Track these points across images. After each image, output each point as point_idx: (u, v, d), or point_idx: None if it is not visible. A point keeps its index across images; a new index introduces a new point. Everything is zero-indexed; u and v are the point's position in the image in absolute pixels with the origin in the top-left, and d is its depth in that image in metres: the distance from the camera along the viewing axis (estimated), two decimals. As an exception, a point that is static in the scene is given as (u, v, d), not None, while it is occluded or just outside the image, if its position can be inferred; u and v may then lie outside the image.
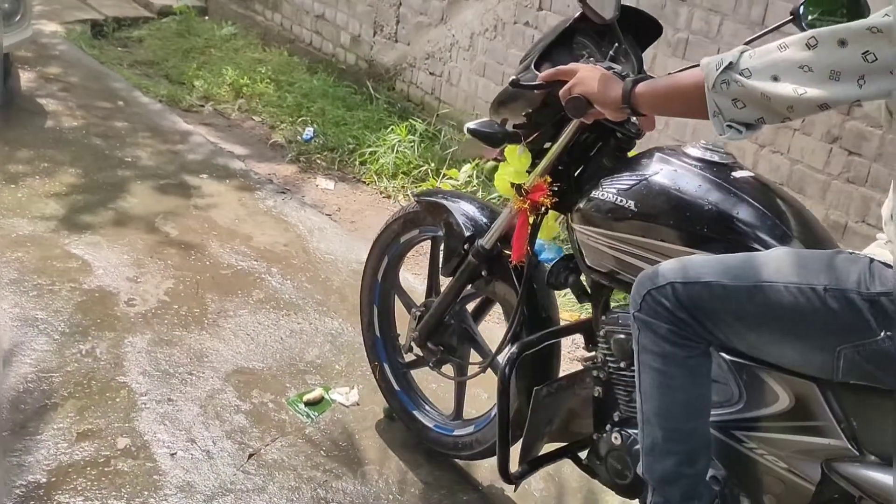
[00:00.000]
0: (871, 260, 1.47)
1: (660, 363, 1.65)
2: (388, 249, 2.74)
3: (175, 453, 2.51)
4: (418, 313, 2.56)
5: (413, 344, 2.59)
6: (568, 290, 2.22)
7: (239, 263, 3.66)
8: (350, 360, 3.07)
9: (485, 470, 2.63)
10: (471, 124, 2.19)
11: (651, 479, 1.73)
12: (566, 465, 2.34)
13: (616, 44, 2.00)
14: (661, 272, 1.65)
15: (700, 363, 1.66)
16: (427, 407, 2.74)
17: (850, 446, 1.52)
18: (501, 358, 2.24)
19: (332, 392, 2.90)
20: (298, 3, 6.43)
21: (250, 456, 2.55)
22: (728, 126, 1.48)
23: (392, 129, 5.05)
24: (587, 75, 1.74)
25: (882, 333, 1.41)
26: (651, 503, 1.75)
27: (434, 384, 2.84)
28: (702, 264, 1.63)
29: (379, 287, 2.80)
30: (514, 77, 2.01)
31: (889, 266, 1.44)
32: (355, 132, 5.15)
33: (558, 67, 1.86)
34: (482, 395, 2.87)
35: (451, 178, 4.47)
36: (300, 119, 5.36)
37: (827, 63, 1.32)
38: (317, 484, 2.49)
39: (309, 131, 5.19)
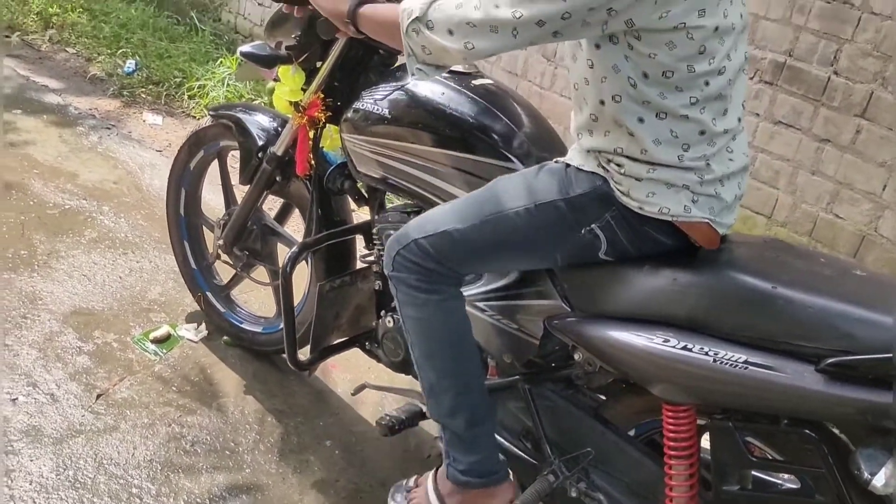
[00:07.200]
0: (567, 166, 1.68)
1: (419, 312, 1.79)
2: (182, 180, 2.85)
3: (16, 399, 2.41)
4: (222, 222, 2.67)
5: (220, 252, 2.69)
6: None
7: (66, 202, 3.47)
8: (195, 296, 3.02)
9: (339, 396, 2.70)
10: (244, 47, 2.29)
11: (438, 417, 1.87)
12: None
13: None
14: (405, 232, 1.79)
15: (454, 305, 1.81)
16: (251, 316, 2.87)
17: (564, 304, 1.76)
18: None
19: (180, 328, 2.85)
20: (109, -73, 6.03)
21: (98, 396, 2.49)
22: (418, 69, 1.62)
23: (221, 62, 4.90)
24: None
25: (582, 231, 1.64)
26: (443, 440, 1.88)
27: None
28: (438, 216, 1.78)
29: (184, 221, 2.90)
30: None
31: (581, 170, 1.65)
32: (181, 65, 4.96)
33: None
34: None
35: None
36: (119, 51, 5.09)
37: (487, 20, 1.49)
38: (171, 420, 2.47)
39: (130, 64, 4.94)
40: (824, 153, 3.07)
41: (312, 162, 2.30)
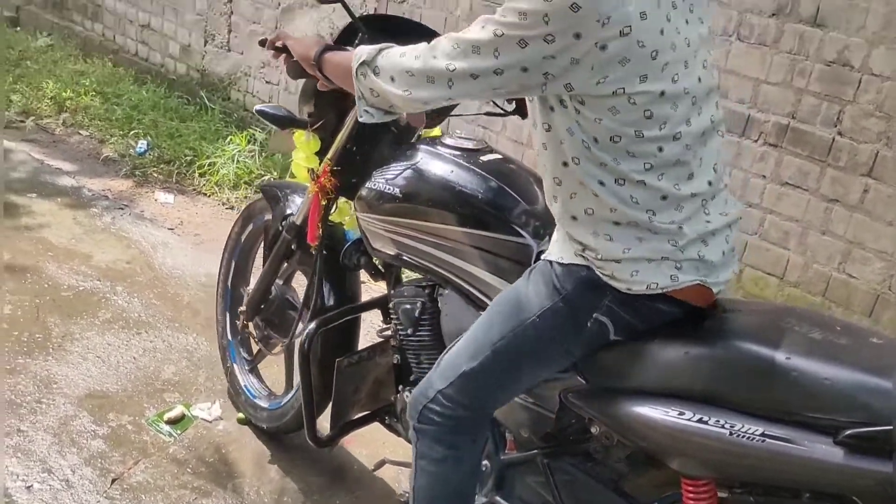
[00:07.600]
0: (550, 263, 1.66)
1: (435, 466, 1.78)
2: (234, 253, 2.87)
3: (31, 486, 2.39)
4: (250, 291, 2.66)
5: (244, 321, 2.68)
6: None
7: (80, 284, 3.50)
8: (209, 374, 3.02)
9: (356, 472, 2.67)
10: (260, 106, 2.32)
11: None
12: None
13: (361, 34, 2.12)
14: (429, 385, 1.77)
15: (470, 462, 1.80)
16: (267, 391, 2.85)
17: (579, 378, 1.73)
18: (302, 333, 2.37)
19: (194, 408, 2.84)
20: (121, 13, 6.21)
21: (113, 481, 2.47)
22: (365, 111, 1.68)
23: (231, 140, 4.97)
24: (297, 38, 1.93)
25: (588, 323, 1.62)
26: None
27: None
28: (452, 360, 1.76)
29: (229, 293, 2.90)
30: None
31: (562, 264, 1.64)
32: (192, 144, 5.03)
33: (278, 31, 2.03)
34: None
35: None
36: (131, 132, 5.17)
37: (424, 70, 1.54)
38: (187, 503, 2.44)
39: (142, 144, 5.02)
40: (833, 213, 3.07)
41: (321, 231, 2.29)
